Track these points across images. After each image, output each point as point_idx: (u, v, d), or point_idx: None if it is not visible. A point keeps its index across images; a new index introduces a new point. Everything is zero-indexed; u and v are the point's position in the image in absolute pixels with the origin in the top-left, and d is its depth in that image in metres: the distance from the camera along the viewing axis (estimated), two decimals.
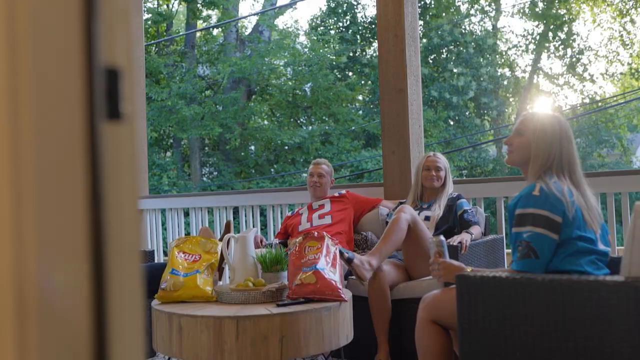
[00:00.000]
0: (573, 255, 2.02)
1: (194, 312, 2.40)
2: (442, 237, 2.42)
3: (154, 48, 18.73)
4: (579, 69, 19.72)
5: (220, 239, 3.21)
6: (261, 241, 3.65)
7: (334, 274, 2.61)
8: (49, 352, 0.53)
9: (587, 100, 20.01)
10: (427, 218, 3.46)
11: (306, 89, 18.36)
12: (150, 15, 18.52)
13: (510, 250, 3.60)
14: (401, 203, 3.67)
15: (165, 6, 19.17)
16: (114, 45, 0.60)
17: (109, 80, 0.59)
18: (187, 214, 5.32)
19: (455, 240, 3.08)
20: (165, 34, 19.19)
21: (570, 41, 19.44)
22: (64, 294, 0.54)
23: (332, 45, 19.38)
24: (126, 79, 0.61)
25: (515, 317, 1.81)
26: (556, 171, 2.11)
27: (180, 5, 19.59)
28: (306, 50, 19.06)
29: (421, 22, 19.38)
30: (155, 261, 3.99)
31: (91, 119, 0.56)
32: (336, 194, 3.99)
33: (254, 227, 4.64)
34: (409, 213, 3.11)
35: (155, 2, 19.04)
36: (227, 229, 3.44)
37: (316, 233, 2.79)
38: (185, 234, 5.62)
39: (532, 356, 1.77)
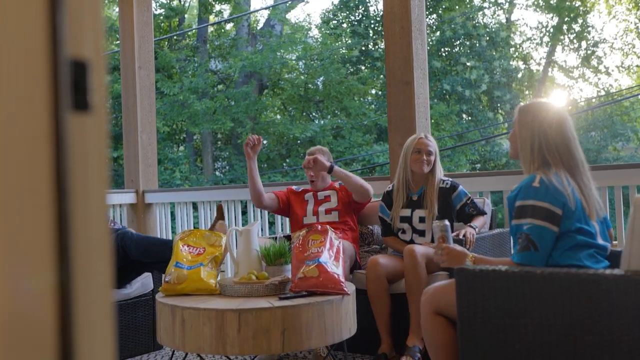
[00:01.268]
0: (572, 249, 2.01)
1: (197, 304, 2.41)
2: (446, 222, 2.40)
3: (166, 43, 18.80)
4: (594, 62, 19.52)
5: (212, 226, 3.22)
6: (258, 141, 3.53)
7: (336, 268, 2.61)
8: (13, 354, 0.53)
9: (602, 93, 19.81)
10: (421, 220, 3.27)
11: (318, 82, 18.34)
12: (162, 10, 18.59)
13: None
14: (388, 193, 3.42)
15: (177, 1, 19.21)
16: (81, 37, 0.60)
17: (76, 71, 0.59)
18: (196, 208, 5.35)
19: (460, 233, 2.99)
20: (177, 28, 19.24)
21: (585, 33, 19.24)
22: (27, 292, 0.54)
23: (344, 39, 19.32)
24: (94, 70, 0.61)
25: (515, 310, 1.80)
26: (554, 162, 2.08)
27: (192, 0, 19.63)
28: (318, 44, 19.02)
29: (434, 16, 19.29)
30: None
31: (56, 111, 0.56)
32: (337, 185, 3.74)
33: (260, 220, 4.64)
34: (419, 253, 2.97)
35: None
36: (219, 213, 3.39)
37: (319, 227, 2.79)
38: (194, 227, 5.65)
39: (532, 349, 1.76)
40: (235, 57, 17.32)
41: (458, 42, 18.46)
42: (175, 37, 18.98)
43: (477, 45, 18.16)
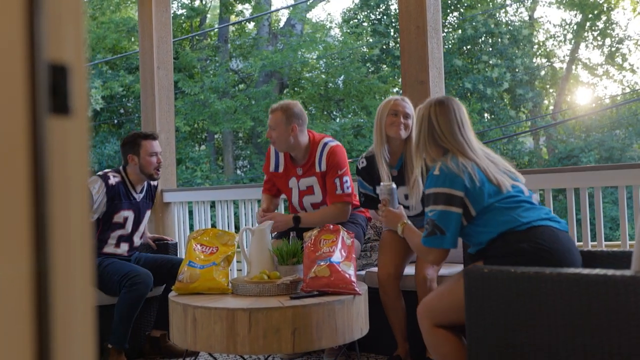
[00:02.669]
0: (504, 214, 2.14)
1: (208, 303, 2.43)
2: (393, 185, 2.55)
3: (188, 43, 18.94)
4: (619, 59, 19.23)
5: None
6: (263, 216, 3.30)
7: (348, 267, 2.61)
8: None
9: (627, 91, 19.51)
10: (406, 197, 3.01)
11: (339, 81, 18.34)
12: (184, 10, 18.73)
13: None
14: (363, 169, 3.07)
15: (198, 1, 19.34)
16: (61, 41, 0.61)
17: (55, 75, 0.60)
18: (214, 207, 5.38)
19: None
20: (198, 29, 19.37)
21: (609, 30, 18.96)
22: (4, 297, 0.55)
23: (364, 38, 19.29)
24: (75, 74, 0.62)
25: (523, 312, 1.78)
26: (449, 148, 2.26)
27: (214, 0, 19.74)
28: (338, 43, 19.01)
29: (455, 14, 19.16)
30: (178, 254, 4.03)
31: (34, 115, 0.57)
32: (318, 169, 3.24)
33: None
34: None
35: None
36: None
37: (332, 226, 2.79)
38: (212, 226, 5.68)
39: (540, 351, 1.74)
40: (256, 56, 17.39)
41: (480, 40, 18.32)
42: (196, 37, 19.11)
43: (499, 43, 18.01)
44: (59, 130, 0.60)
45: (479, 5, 19.29)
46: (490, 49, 18.21)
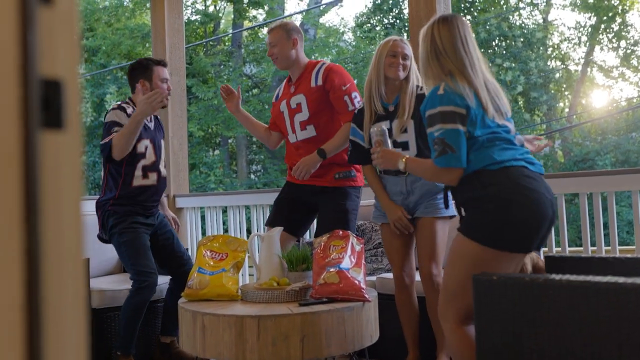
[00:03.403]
0: (482, 151, 2.14)
1: (217, 310, 2.43)
2: (384, 127, 2.53)
3: (202, 48, 19.04)
4: (634, 61, 19.05)
5: None
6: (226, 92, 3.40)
7: (357, 274, 2.59)
8: None
9: None
10: (403, 130, 2.86)
11: None
12: (198, 16, 18.84)
13: (546, 249, 3.51)
14: (359, 111, 2.98)
15: (212, 7, 19.45)
16: (55, 56, 0.61)
17: (48, 90, 0.60)
18: (226, 212, 5.39)
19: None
20: (212, 34, 19.47)
21: (624, 32, 18.80)
22: None
23: (377, 42, 19.27)
24: (68, 88, 0.62)
25: (532, 320, 1.76)
26: (450, 67, 2.21)
27: (227, 6, 19.83)
28: (351, 47, 19.02)
29: (469, 17, 19.08)
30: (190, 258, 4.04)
31: (26, 129, 0.57)
32: (314, 84, 3.18)
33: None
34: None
35: (203, 4, 19.35)
36: None
37: (341, 232, 2.78)
38: (224, 231, 5.70)
39: (549, 359, 1.73)
40: (269, 61, 17.39)
41: (493, 43, 18.24)
42: (210, 43, 19.22)
43: (513, 46, 17.92)
44: (52, 144, 0.60)
45: (492, 8, 19.22)
46: (504, 52, 18.13)
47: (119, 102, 3.43)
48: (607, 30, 18.97)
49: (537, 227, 2.09)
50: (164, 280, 3.60)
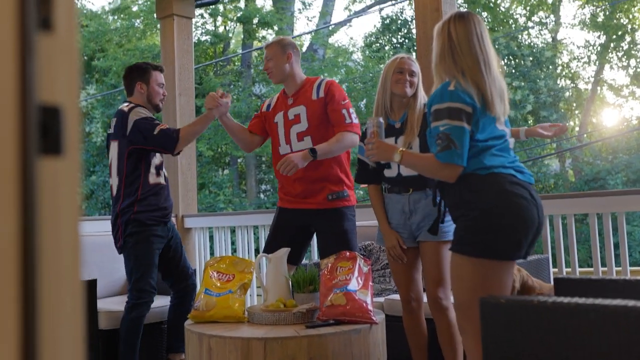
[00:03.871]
0: (474, 155, 2.14)
1: (223, 332, 2.41)
2: (380, 119, 2.48)
3: (212, 68, 19.18)
4: None
5: None
6: (221, 96, 3.34)
7: (365, 296, 2.58)
8: None
9: None
10: (408, 148, 2.82)
11: (361, 105, 18.38)
12: (208, 37, 19.01)
13: (555, 269, 3.47)
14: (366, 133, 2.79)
15: (222, 27, 19.62)
16: (54, 82, 0.61)
17: (47, 116, 0.60)
18: (234, 232, 5.38)
19: None
20: (222, 54, 19.63)
21: (634, 51, 18.77)
22: None
23: (386, 62, 19.35)
24: (67, 115, 0.62)
25: (540, 343, 1.74)
26: (462, 65, 2.19)
27: (237, 26, 20.00)
28: (360, 67, 19.10)
29: None
30: (198, 281, 4.03)
31: (24, 155, 0.57)
32: (315, 96, 3.20)
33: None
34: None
35: (213, 25, 19.53)
36: None
37: (348, 253, 2.77)
38: (232, 252, 5.69)
39: None
40: None
41: (502, 62, 18.25)
42: (220, 63, 19.36)
43: (522, 65, 17.93)
44: (50, 170, 0.60)
45: (501, 27, 19.27)
46: (513, 71, 18.14)
47: (126, 104, 3.45)
48: (617, 48, 18.95)
49: (525, 232, 2.11)
50: (165, 302, 3.60)
